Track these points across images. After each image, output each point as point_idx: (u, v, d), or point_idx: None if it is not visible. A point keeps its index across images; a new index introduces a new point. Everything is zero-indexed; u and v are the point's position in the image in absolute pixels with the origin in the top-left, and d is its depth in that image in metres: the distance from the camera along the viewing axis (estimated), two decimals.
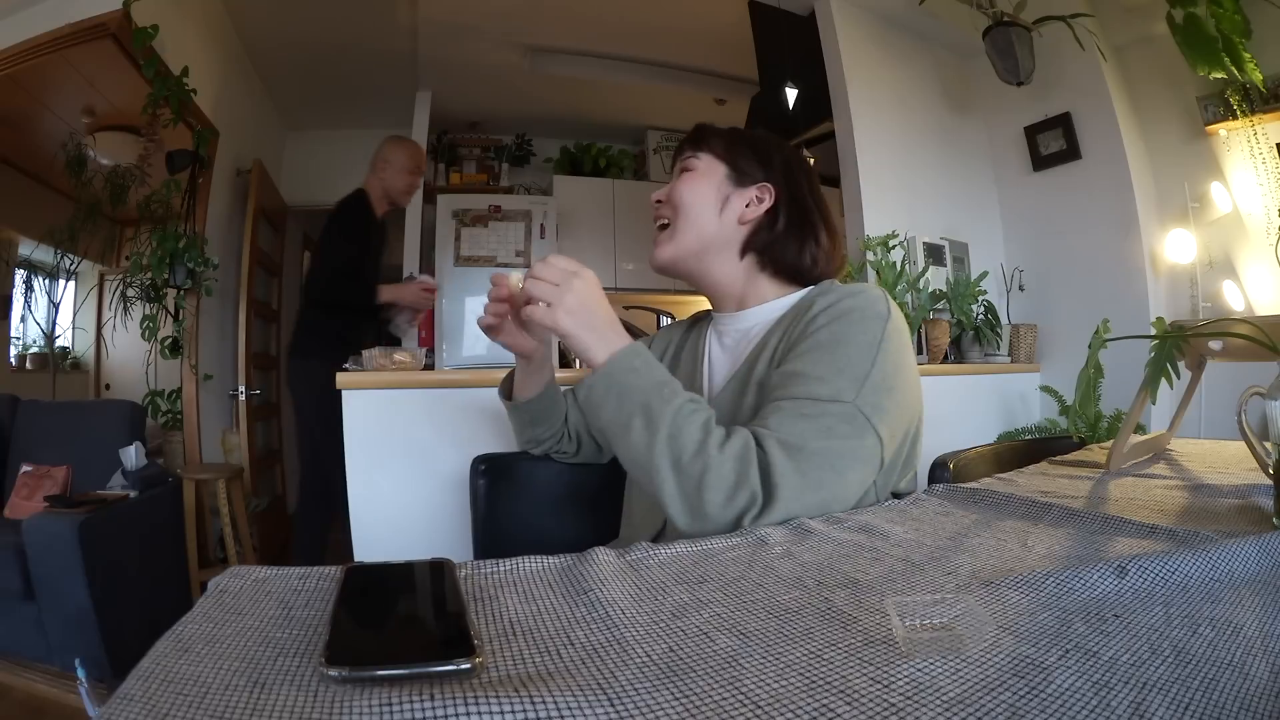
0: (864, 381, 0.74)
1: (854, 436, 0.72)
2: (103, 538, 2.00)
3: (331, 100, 3.87)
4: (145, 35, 2.43)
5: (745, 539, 0.59)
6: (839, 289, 0.85)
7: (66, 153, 3.21)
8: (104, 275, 3.86)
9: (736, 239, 0.93)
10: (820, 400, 0.73)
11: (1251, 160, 2.33)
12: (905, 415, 0.79)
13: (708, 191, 0.93)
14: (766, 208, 0.92)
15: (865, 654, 0.37)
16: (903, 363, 0.79)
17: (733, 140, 0.96)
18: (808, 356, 0.78)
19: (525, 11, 3.22)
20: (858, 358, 0.76)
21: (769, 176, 0.93)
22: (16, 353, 3.79)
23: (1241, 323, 0.72)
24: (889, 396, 0.75)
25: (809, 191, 0.95)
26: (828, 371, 0.75)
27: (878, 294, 0.83)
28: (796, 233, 0.92)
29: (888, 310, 0.80)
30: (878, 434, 0.73)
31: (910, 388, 0.80)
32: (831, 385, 0.74)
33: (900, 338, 0.80)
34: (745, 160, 0.94)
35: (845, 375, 0.74)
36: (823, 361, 0.76)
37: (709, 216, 0.92)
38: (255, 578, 0.47)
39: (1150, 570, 0.47)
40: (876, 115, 2.62)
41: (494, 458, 1.11)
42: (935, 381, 2.31)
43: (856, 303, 0.81)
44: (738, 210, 0.92)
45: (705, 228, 0.92)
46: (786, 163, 0.95)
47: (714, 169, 0.94)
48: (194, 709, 0.31)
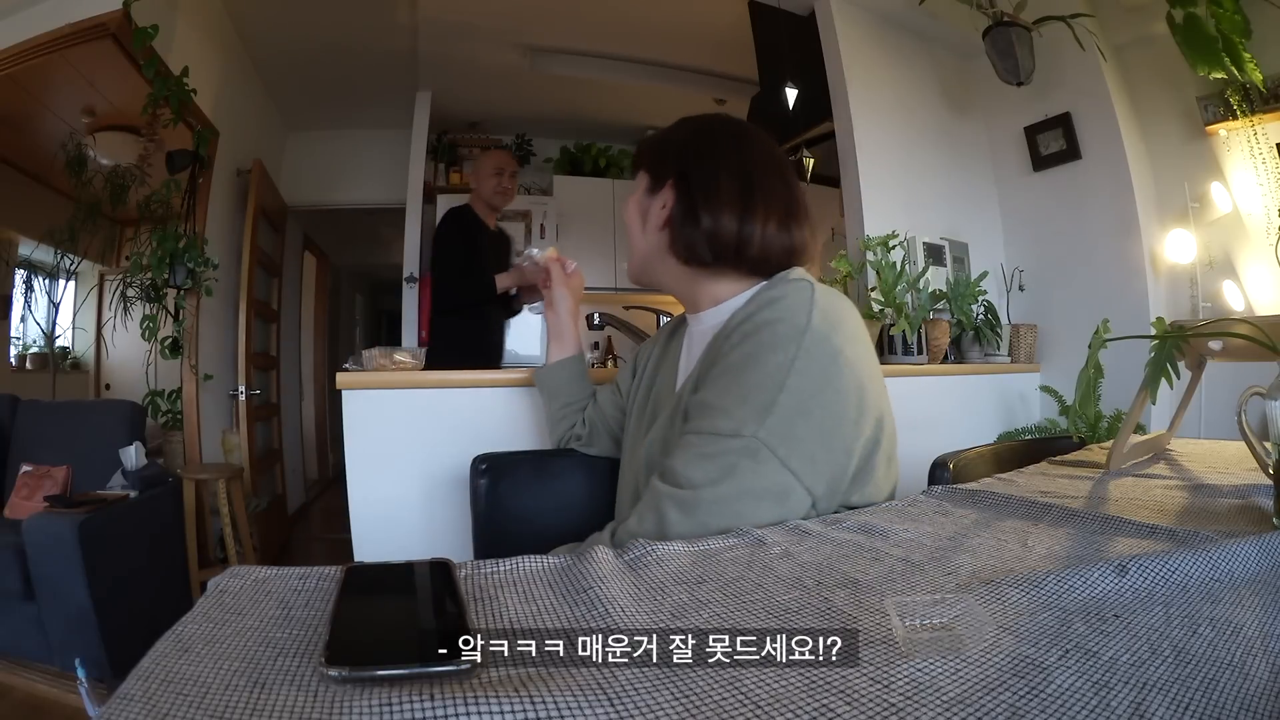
0: (769, 411, 0.70)
1: (757, 473, 0.69)
2: (103, 538, 2.00)
3: (331, 100, 3.87)
4: (145, 35, 2.43)
5: (743, 539, 0.59)
6: (766, 294, 0.79)
7: (66, 153, 3.21)
8: (104, 275, 3.86)
9: (664, 247, 0.89)
10: (721, 436, 0.70)
11: (1251, 160, 2.33)
12: (835, 437, 0.73)
13: (633, 209, 0.93)
14: (670, 206, 0.88)
15: (865, 654, 0.37)
16: (826, 380, 0.72)
17: (654, 147, 0.94)
18: (717, 383, 0.75)
19: (525, 11, 3.22)
20: (763, 384, 0.71)
21: (671, 171, 0.89)
22: (16, 353, 3.79)
23: (1241, 323, 0.72)
24: (804, 422, 0.70)
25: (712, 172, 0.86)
26: (731, 402, 0.72)
27: (800, 301, 0.75)
28: (694, 223, 0.85)
29: (807, 321, 0.73)
30: (787, 467, 0.69)
31: (840, 405, 0.73)
32: (734, 418, 0.70)
33: (820, 351, 0.72)
34: (658, 164, 0.91)
35: (749, 405, 0.70)
36: (728, 390, 0.73)
37: (638, 233, 0.92)
38: (255, 578, 0.47)
39: (1150, 570, 0.47)
40: (876, 115, 2.62)
41: (494, 458, 1.12)
42: (935, 381, 2.31)
43: (772, 315, 0.75)
44: (654, 219, 0.89)
45: (639, 245, 0.92)
46: (683, 149, 0.89)
47: (640, 184, 0.93)
48: (194, 709, 0.31)
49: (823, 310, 0.75)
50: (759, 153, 0.89)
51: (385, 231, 4.80)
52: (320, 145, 4.16)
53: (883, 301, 2.22)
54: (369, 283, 7.69)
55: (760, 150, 0.90)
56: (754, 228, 0.84)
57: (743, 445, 0.69)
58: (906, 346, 2.22)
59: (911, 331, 2.17)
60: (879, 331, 2.20)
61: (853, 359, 0.75)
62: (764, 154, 0.89)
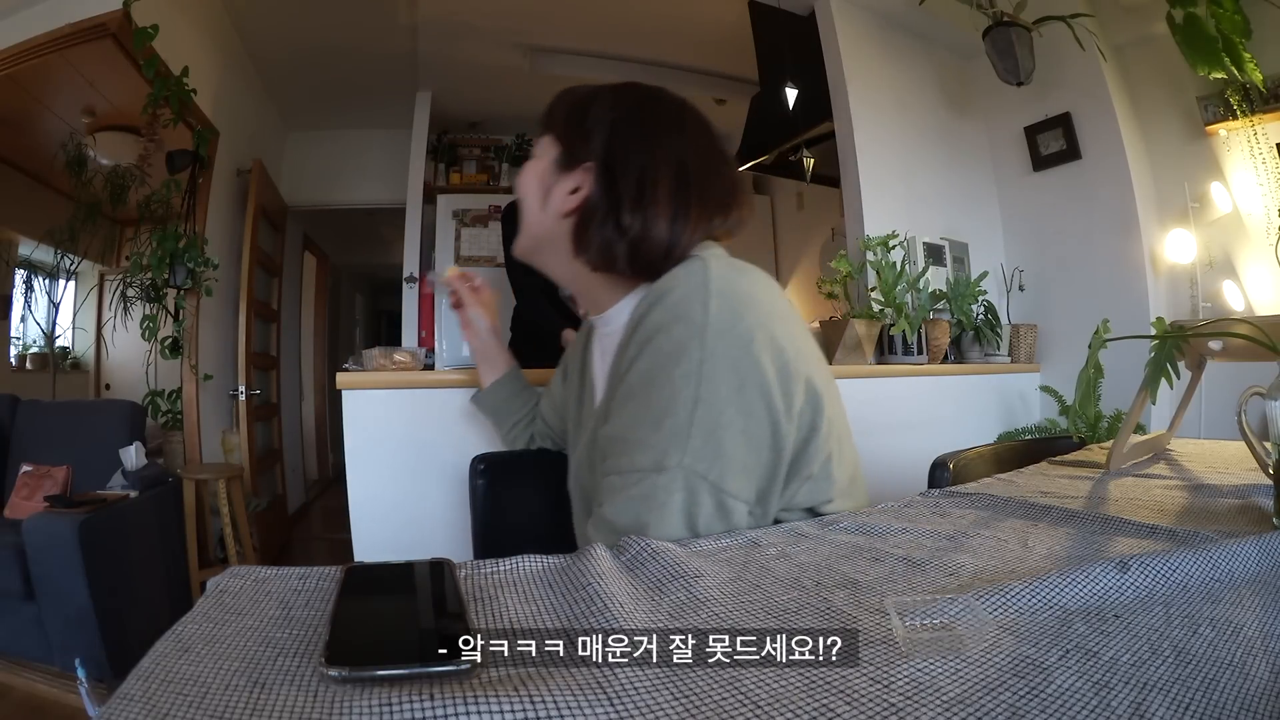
0: (687, 434, 0.62)
1: (693, 503, 0.62)
2: (103, 538, 2.00)
3: (331, 100, 3.87)
4: (145, 35, 2.43)
5: (736, 540, 0.58)
6: (652, 291, 0.68)
7: (66, 153, 3.21)
8: (104, 275, 3.87)
9: (563, 235, 0.76)
10: (645, 472, 0.63)
11: (1251, 160, 2.33)
12: (762, 438, 0.65)
13: (532, 180, 0.79)
14: (584, 195, 0.75)
15: (865, 654, 0.37)
16: (741, 378, 0.63)
17: (572, 109, 0.78)
18: (624, 411, 0.67)
19: (525, 11, 3.22)
20: (673, 405, 0.63)
21: (591, 152, 0.75)
22: (16, 353, 3.80)
23: (1241, 323, 0.72)
24: (728, 434, 0.63)
25: (639, 161, 0.73)
26: (646, 431, 0.64)
27: (692, 290, 0.65)
28: (615, 224, 0.72)
29: (704, 316, 0.63)
30: (721, 488, 0.63)
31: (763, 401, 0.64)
32: (653, 450, 0.63)
33: (727, 347, 0.63)
34: (573, 137, 0.77)
35: (664, 431, 0.63)
36: (638, 418, 0.65)
37: (534, 209, 0.79)
38: (255, 578, 0.47)
39: (1150, 570, 0.47)
40: (876, 115, 2.62)
41: (494, 457, 1.11)
42: (935, 381, 2.31)
43: (663, 316, 0.65)
44: (558, 202, 0.76)
45: (532, 224, 0.80)
46: (613, 131, 0.75)
47: (546, 154, 0.79)
48: (194, 709, 0.31)
49: (721, 294, 0.65)
50: (699, 140, 0.77)
51: (385, 231, 4.80)
52: (320, 145, 4.17)
53: (883, 301, 2.22)
54: (369, 283, 7.69)
55: (701, 137, 0.78)
56: (684, 233, 0.72)
57: (669, 479, 0.62)
58: (906, 346, 2.22)
59: (911, 331, 2.17)
60: (879, 331, 2.20)
61: (771, 340, 0.66)
62: (705, 141, 0.78)
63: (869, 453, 2.20)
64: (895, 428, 2.11)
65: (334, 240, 5.35)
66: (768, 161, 3.46)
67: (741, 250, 0.75)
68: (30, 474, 2.42)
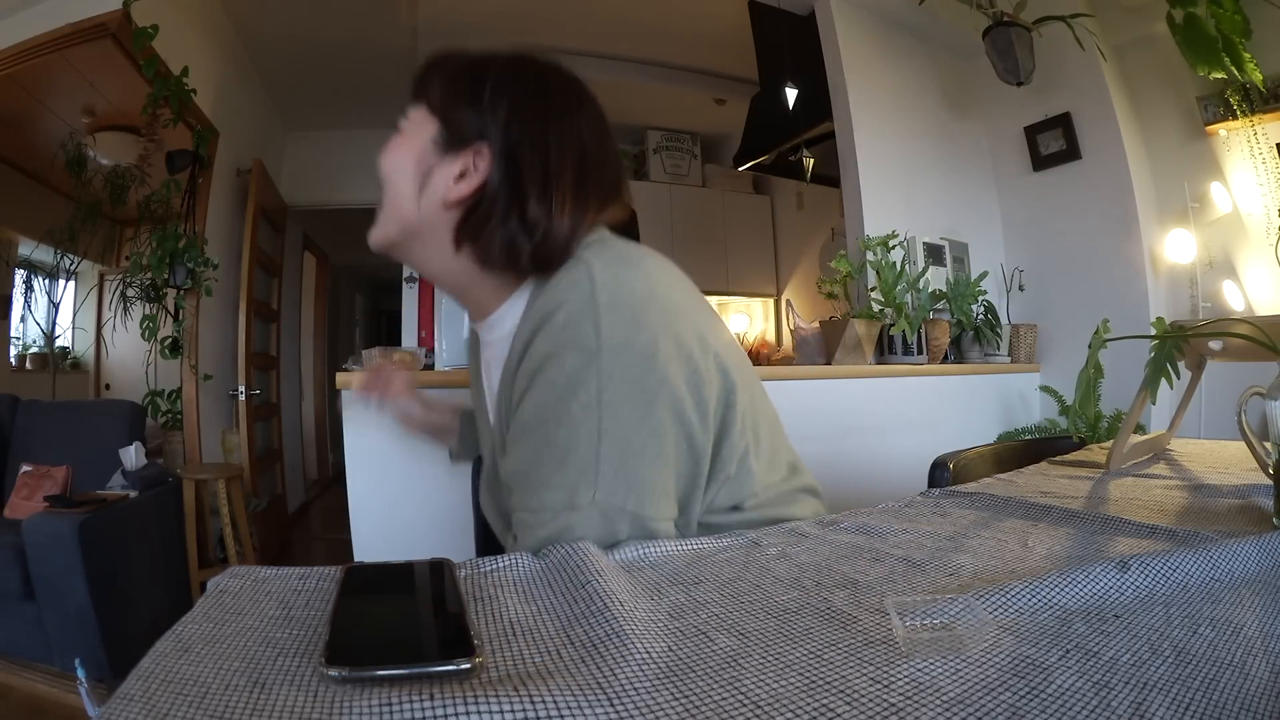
0: (595, 469, 0.58)
1: (610, 537, 0.58)
2: (103, 538, 2.00)
3: (331, 100, 3.88)
4: (145, 35, 2.43)
5: (737, 540, 0.58)
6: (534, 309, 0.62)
7: (66, 153, 3.21)
8: (104, 275, 3.87)
9: (444, 226, 0.67)
10: (555, 510, 0.59)
11: (1251, 160, 2.33)
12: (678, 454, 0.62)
13: (405, 162, 0.68)
14: (477, 182, 0.65)
15: (865, 654, 0.37)
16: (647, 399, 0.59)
17: (454, 83, 0.68)
18: (522, 446, 0.62)
19: (525, 11, 3.22)
20: (576, 440, 0.58)
21: (485, 132, 0.65)
22: (16, 353, 3.80)
23: (1241, 323, 0.72)
24: (639, 461, 0.59)
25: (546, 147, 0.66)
26: (549, 471, 0.59)
27: (579, 306, 0.59)
28: (519, 217, 0.64)
29: (596, 339, 0.58)
30: (642, 515, 0.59)
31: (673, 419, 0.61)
32: (560, 488, 0.59)
33: (626, 369, 0.59)
34: (460, 113, 0.67)
35: (569, 468, 0.58)
36: (540, 456, 0.60)
37: (406, 196, 0.68)
38: (255, 578, 0.47)
39: (1150, 570, 0.47)
40: (876, 115, 2.62)
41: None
42: (935, 381, 2.31)
43: (554, 342, 0.59)
44: (441, 189, 0.66)
45: (402, 211, 0.68)
46: (514, 105, 0.66)
47: (422, 129, 0.68)
48: (194, 709, 0.31)
49: (612, 307, 0.59)
50: (596, 122, 0.70)
51: None
52: (320, 145, 4.17)
53: (883, 301, 2.22)
54: (369, 283, 7.69)
55: (596, 117, 0.70)
56: (583, 225, 0.66)
57: (583, 517, 0.58)
58: (906, 346, 2.22)
59: (911, 331, 2.17)
60: (879, 331, 2.20)
61: (676, 345, 0.61)
62: (600, 123, 0.70)
63: (869, 453, 2.21)
64: (895, 428, 2.11)
65: (334, 240, 5.35)
66: (768, 161, 3.46)
67: (742, 250, 0.74)
68: (30, 474, 2.43)
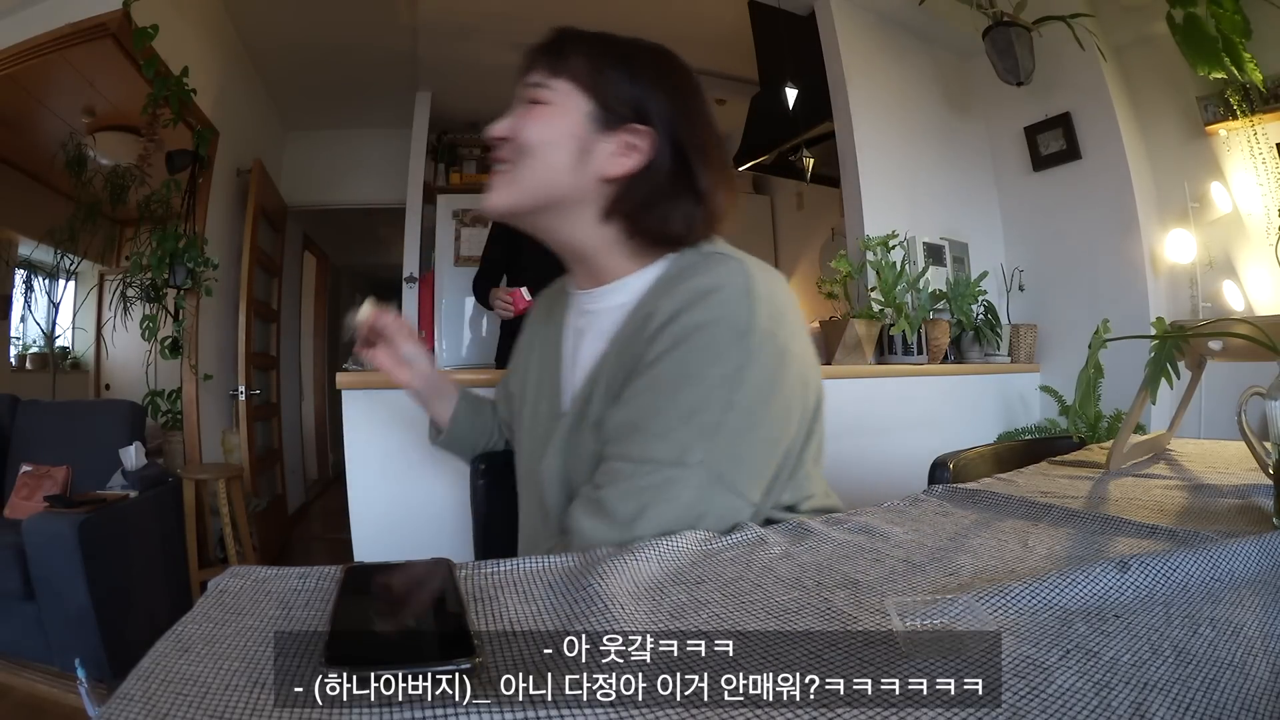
0: (715, 434, 0.62)
1: (702, 500, 0.61)
2: (103, 538, 2.00)
3: (331, 100, 3.87)
4: (145, 35, 2.43)
5: (744, 537, 0.58)
6: (688, 282, 0.65)
7: (66, 153, 3.21)
8: (104, 275, 3.87)
9: (597, 198, 0.71)
10: (661, 464, 0.61)
11: (1251, 160, 2.33)
12: (779, 444, 0.67)
13: (562, 135, 0.69)
14: (642, 161, 0.70)
15: (865, 654, 0.37)
16: (774, 387, 0.64)
17: (601, 61, 0.72)
18: (643, 399, 0.64)
19: (525, 11, 3.22)
20: (706, 403, 0.62)
21: (645, 115, 0.70)
22: (16, 353, 3.79)
23: (1241, 323, 0.72)
24: (750, 438, 0.63)
25: (697, 131, 0.72)
26: (670, 423, 0.62)
27: (737, 293, 0.64)
28: (681, 192, 0.70)
29: (750, 321, 0.63)
30: (734, 490, 0.63)
31: (787, 411, 0.67)
32: (674, 442, 0.61)
33: (767, 355, 0.64)
34: (617, 92, 0.70)
35: (692, 426, 0.61)
36: (662, 409, 0.62)
37: (561, 168, 0.69)
38: (255, 578, 0.47)
39: (1151, 570, 0.47)
40: (876, 115, 2.62)
41: (494, 457, 1.11)
42: (935, 381, 2.31)
43: (707, 315, 0.63)
44: (601, 163, 0.69)
45: (556, 180, 0.70)
46: (674, 92, 0.72)
47: (573, 104, 0.70)
48: (194, 709, 0.31)
49: (765, 301, 0.64)
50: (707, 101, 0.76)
51: (385, 231, 4.80)
52: (320, 145, 4.17)
53: (883, 301, 2.22)
54: (369, 283, 7.69)
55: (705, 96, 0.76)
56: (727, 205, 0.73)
57: (688, 475, 0.61)
58: (906, 346, 2.22)
59: (911, 331, 2.17)
60: (879, 331, 2.20)
61: (797, 354, 0.67)
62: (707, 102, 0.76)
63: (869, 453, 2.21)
64: (895, 428, 2.11)
65: (334, 240, 5.34)
66: (768, 161, 3.46)
67: (742, 249, 0.75)
68: (30, 474, 2.42)
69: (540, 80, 0.72)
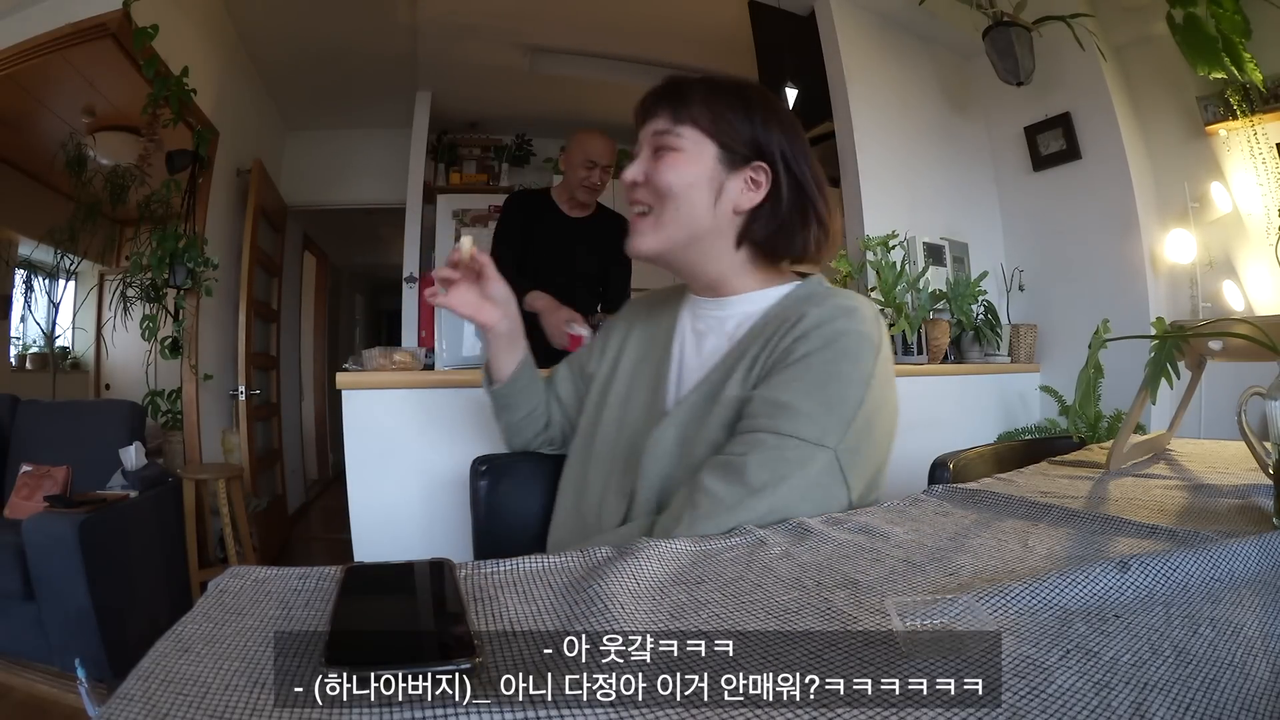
0: (850, 425, 0.71)
1: (821, 485, 0.70)
2: (103, 538, 2.00)
3: (331, 100, 3.87)
4: (145, 35, 2.43)
5: (744, 539, 0.59)
6: (831, 299, 0.78)
7: (66, 153, 3.21)
8: (104, 275, 3.87)
9: (731, 229, 0.81)
10: (805, 442, 0.70)
11: (1251, 160, 2.33)
12: (878, 456, 0.76)
13: (699, 179, 0.79)
14: (765, 194, 0.80)
15: (865, 654, 0.37)
16: (885, 399, 0.75)
17: (721, 106, 0.81)
18: (796, 386, 0.72)
19: (525, 11, 3.22)
20: (847, 397, 0.72)
21: (763, 153, 0.80)
22: (16, 353, 3.79)
23: (1241, 323, 0.72)
24: (867, 439, 0.73)
25: (806, 163, 0.83)
26: (816, 408, 0.71)
27: (871, 313, 0.77)
28: (799, 218, 0.82)
29: (879, 336, 0.76)
30: (848, 484, 0.71)
31: (887, 424, 0.77)
32: (819, 425, 0.70)
33: (887, 368, 0.76)
34: (735, 134, 0.80)
35: (834, 414, 0.71)
36: (811, 395, 0.72)
37: (703, 208, 0.80)
38: (255, 578, 0.47)
39: (1151, 570, 0.47)
40: (876, 115, 2.62)
41: (494, 458, 1.11)
42: (935, 381, 2.31)
43: (851, 326, 0.74)
44: (733, 199, 0.80)
45: (698, 220, 0.80)
46: (782, 129, 0.82)
47: (702, 150, 0.80)
48: (194, 709, 0.31)
49: (882, 328, 0.78)
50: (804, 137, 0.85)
51: (385, 231, 4.80)
52: (320, 145, 4.16)
53: (883, 301, 2.22)
54: (369, 283, 7.69)
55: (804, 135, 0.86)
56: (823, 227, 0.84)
57: (823, 456, 0.70)
58: (906, 346, 2.22)
59: (911, 331, 2.17)
60: None
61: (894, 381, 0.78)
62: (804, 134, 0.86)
63: None
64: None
65: (334, 240, 5.34)
66: None
67: None
68: (30, 474, 2.42)
69: (666, 128, 0.81)
